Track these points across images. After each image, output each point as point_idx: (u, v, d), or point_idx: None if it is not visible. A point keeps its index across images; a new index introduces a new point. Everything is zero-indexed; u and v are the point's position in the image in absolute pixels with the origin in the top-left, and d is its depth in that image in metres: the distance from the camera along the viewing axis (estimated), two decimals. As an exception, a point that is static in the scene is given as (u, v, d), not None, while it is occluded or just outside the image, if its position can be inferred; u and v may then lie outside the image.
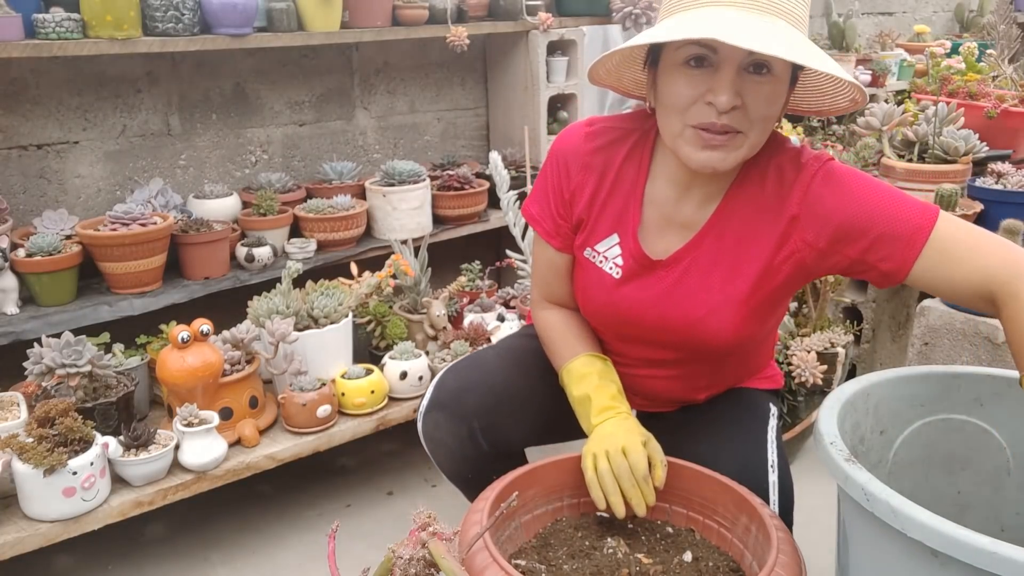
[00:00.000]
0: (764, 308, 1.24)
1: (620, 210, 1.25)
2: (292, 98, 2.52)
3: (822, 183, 1.15)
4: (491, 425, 1.32)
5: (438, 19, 2.47)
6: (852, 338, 2.23)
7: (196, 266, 2.07)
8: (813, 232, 1.15)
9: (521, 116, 2.79)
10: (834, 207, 1.14)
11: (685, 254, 1.23)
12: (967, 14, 4.87)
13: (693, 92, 1.07)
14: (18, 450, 1.46)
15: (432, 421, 1.37)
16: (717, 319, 1.21)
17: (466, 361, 1.44)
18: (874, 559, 0.96)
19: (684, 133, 1.10)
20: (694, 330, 1.23)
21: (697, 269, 1.22)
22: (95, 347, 1.69)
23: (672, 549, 1.17)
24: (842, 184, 1.15)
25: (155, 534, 1.89)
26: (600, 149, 1.26)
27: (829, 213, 1.14)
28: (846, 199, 1.13)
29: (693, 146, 1.10)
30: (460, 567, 0.97)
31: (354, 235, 2.33)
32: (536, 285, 1.40)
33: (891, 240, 1.11)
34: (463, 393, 1.35)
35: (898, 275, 1.12)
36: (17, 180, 2.10)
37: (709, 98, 1.06)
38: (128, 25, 1.89)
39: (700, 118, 1.08)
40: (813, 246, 1.16)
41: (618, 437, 1.18)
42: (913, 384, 1.20)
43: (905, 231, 1.10)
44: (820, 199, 1.14)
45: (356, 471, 2.14)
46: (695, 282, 1.22)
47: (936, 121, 2.37)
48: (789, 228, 1.16)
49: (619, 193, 1.25)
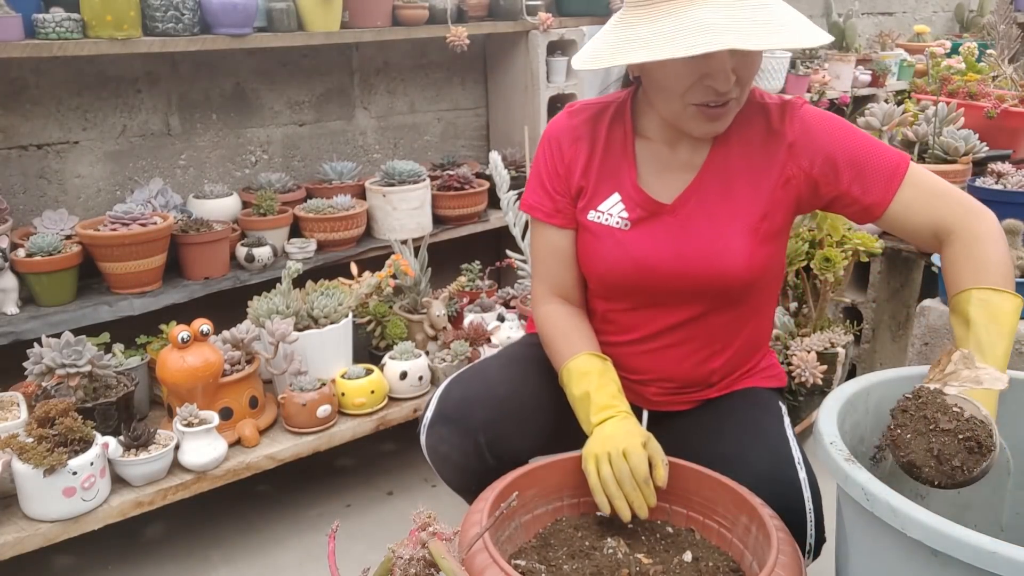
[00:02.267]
0: (771, 239, 1.29)
1: (615, 169, 1.33)
2: (292, 98, 2.52)
3: (812, 117, 1.27)
4: (497, 439, 1.30)
5: (438, 19, 2.47)
6: (852, 338, 2.23)
7: (196, 266, 2.07)
8: (808, 159, 1.25)
9: (521, 116, 2.79)
10: (826, 137, 1.24)
11: (691, 195, 1.28)
12: (967, 14, 4.87)
13: (692, 76, 1.15)
14: (18, 450, 1.46)
15: (436, 435, 1.35)
16: (731, 250, 1.26)
17: (469, 372, 1.42)
18: (874, 559, 0.96)
19: (687, 111, 1.19)
20: (711, 265, 1.26)
21: (704, 207, 1.28)
22: (95, 347, 1.69)
23: (672, 549, 1.17)
24: (829, 119, 1.27)
25: (155, 534, 1.89)
26: (585, 121, 1.36)
27: (821, 142, 1.24)
28: (835, 132, 1.25)
29: (696, 121, 1.20)
30: (460, 567, 0.97)
31: (354, 235, 2.33)
32: (539, 279, 1.40)
33: (874, 173, 1.22)
34: (468, 406, 1.33)
35: (878, 208, 1.22)
36: (17, 180, 2.10)
37: (708, 82, 1.14)
38: (128, 25, 1.89)
39: (701, 98, 1.17)
40: (808, 173, 1.25)
41: (618, 439, 1.18)
42: (913, 384, 1.19)
43: (886, 168, 1.22)
44: (813, 129, 1.25)
45: (356, 471, 2.14)
46: (704, 219, 1.27)
47: (936, 121, 2.37)
48: (787, 155, 1.26)
49: (611, 155, 1.33)
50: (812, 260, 2.14)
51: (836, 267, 2.12)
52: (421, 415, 1.40)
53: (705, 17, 1.07)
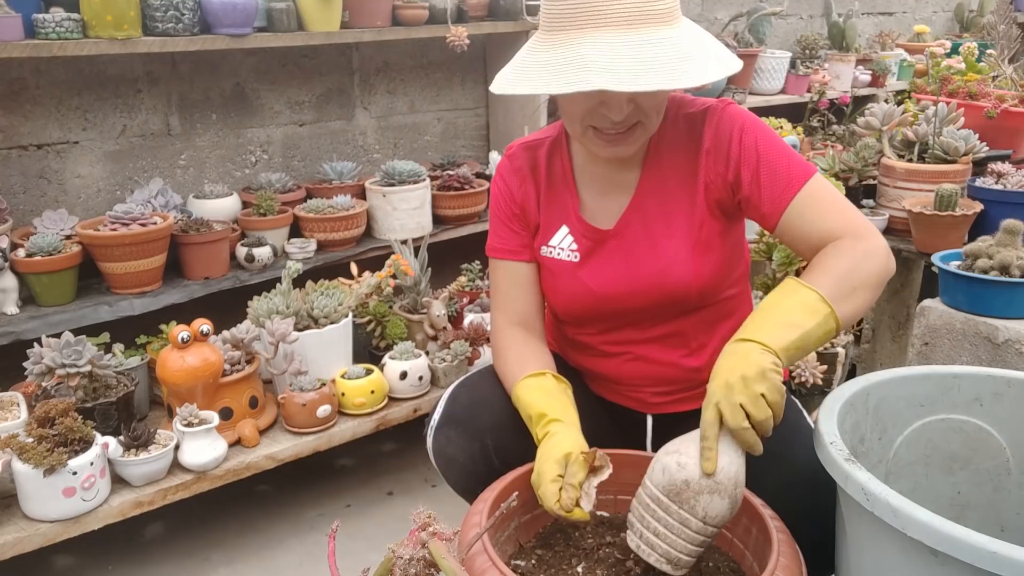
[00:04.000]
0: (714, 244, 1.29)
1: (560, 202, 1.35)
2: (292, 98, 2.52)
3: (727, 119, 1.26)
4: (504, 443, 1.30)
5: (438, 19, 2.47)
6: (852, 338, 2.23)
7: (196, 266, 2.07)
8: (722, 163, 1.25)
9: (521, 116, 2.79)
10: (734, 140, 1.25)
11: (630, 216, 1.30)
12: (967, 14, 4.87)
13: (588, 103, 1.16)
14: (18, 450, 1.46)
15: (444, 437, 1.34)
16: (676, 265, 1.28)
17: (477, 376, 1.42)
18: (874, 559, 0.96)
19: (586, 133, 1.21)
20: (659, 284, 1.28)
21: (645, 226, 1.30)
22: (95, 347, 1.69)
23: (672, 549, 1.17)
24: (746, 123, 1.26)
25: (155, 534, 1.89)
26: (525, 162, 1.38)
27: (730, 145, 1.25)
28: (746, 136, 1.24)
29: (597, 144, 1.21)
30: (460, 567, 0.97)
31: (354, 235, 2.33)
32: (499, 309, 1.40)
33: (772, 179, 1.21)
34: (477, 409, 1.33)
35: (773, 216, 1.21)
36: (17, 180, 2.10)
37: (603, 111, 1.16)
38: (128, 25, 1.89)
39: (597, 122, 1.18)
40: (724, 177, 1.26)
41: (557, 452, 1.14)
42: (913, 384, 1.20)
43: (786, 175, 1.21)
44: (725, 133, 1.26)
45: (356, 471, 2.14)
46: (646, 239, 1.30)
47: (936, 121, 2.37)
48: (704, 161, 1.27)
49: (555, 188, 1.36)
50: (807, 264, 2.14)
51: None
52: (428, 418, 1.40)
53: (587, 53, 1.07)
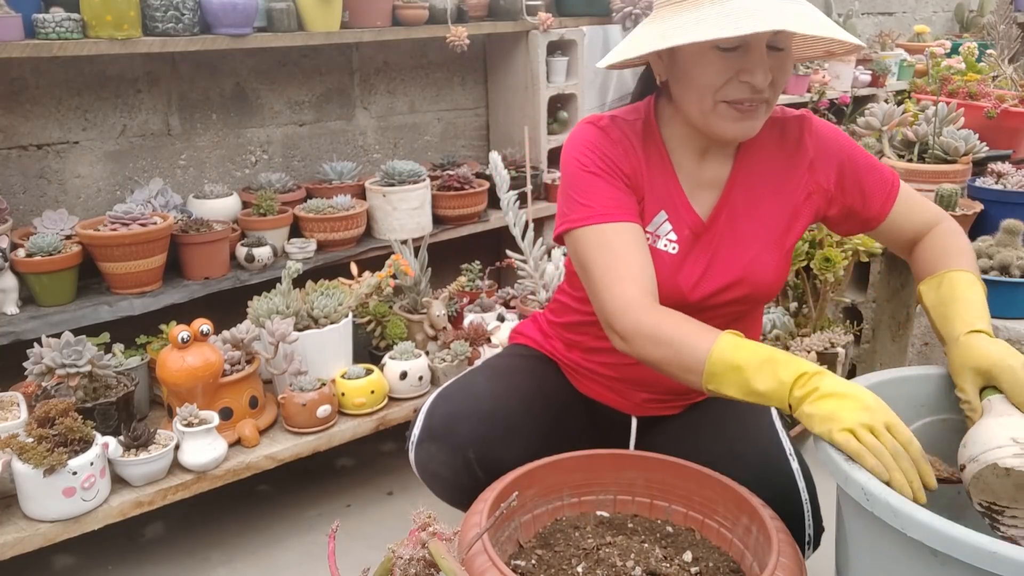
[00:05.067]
0: (791, 251, 1.33)
1: (659, 185, 1.28)
2: (292, 98, 2.52)
3: (826, 132, 1.32)
4: (486, 453, 1.28)
5: (438, 19, 2.47)
6: (852, 338, 2.23)
7: (196, 266, 2.07)
8: (824, 174, 1.30)
9: (521, 116, 2.79)
10: (835, 152, 1.30)
11: (720, 211, 1.28)
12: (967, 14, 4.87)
13: (727, 72, 1.13)
14: (18, 450, 1.46)
15: (425, 452, 1.33)
16: (759, 267, 1.28)
17: (454, 387, 1.40)
18: (874, 559, 0.96)
19: (717, 108, 1.16)
20: (741, 283, 1.27)
21: (732, 223, 1.28)
22: (95, 347, 1.69)
23: (672, 549, 1.17)
24: (837, 134, 1.33)
25: (155, 534, 1.89)
26: (623, 134, 1.27)
27: (834, 157, 1.30)
28: (842, 147, 1.31)
29: (727, 119, 1.17)
30: (460, 567, 0.97)
31: (354, 235, 2.33)
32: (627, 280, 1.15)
33: (876, 187, 1.30)
34: (455, 422, 1.31)
35: (879, 219, 1.31)
36: (17, 180, 2.10)
37: (744, 78, 1.13)
38: (128, 25, 1.89)
39: (736, 94, 1.15)
40: (826, 188, 1.30)
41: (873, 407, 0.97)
42: (913, 384, 1.20)
43: (885, 182, 1.31)
44: (826, 144, 1.30)
45: (356, 471, 2.14)
46: (732, 237, 1.28)
47: (936, 121, 2.37)
48: (808, 171, 1.29)
49: (653, 169, 1.28)
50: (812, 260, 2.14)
51: (836, 267, 2.12)
52: (408, 432, 1.38)
53: (747, 4, 1.07)
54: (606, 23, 2.84)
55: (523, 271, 2.24)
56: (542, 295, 2.20)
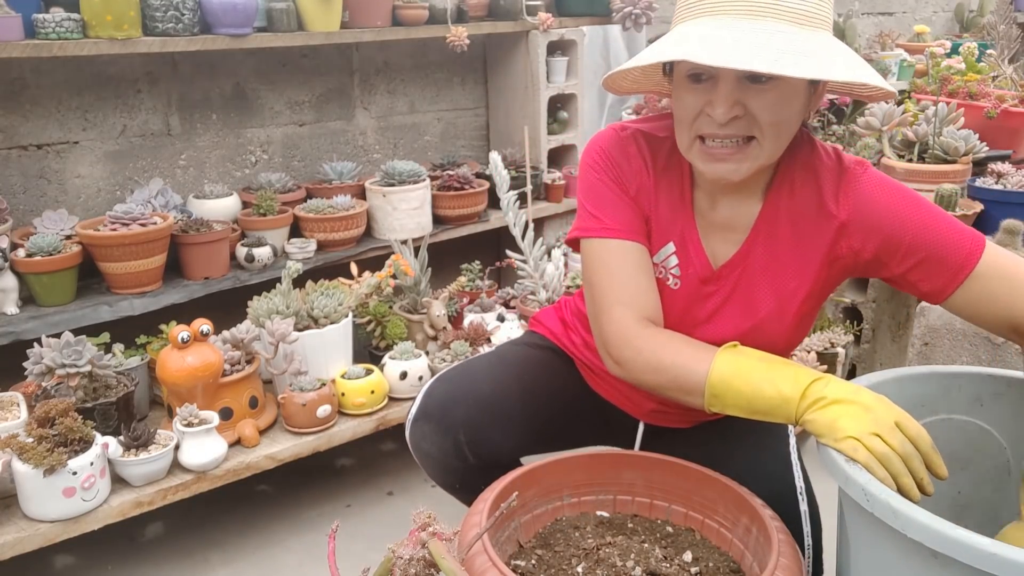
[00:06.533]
0: (810, 314, 1.22)
1: (671, 215, 1.20)
2: (292, 98, 2.52)
3: (871, 192, 1.13)
4: (476, 437, 1.29)
5: (438, 19, 2.47)
6: (852, 338, 2.23)
7: (196, 266, 2.07)
8: (860, 241, 1.14)
9: (521, 116, 2.79)
10: (883, 220, 1.12)
11: (737, 264, 1.19)
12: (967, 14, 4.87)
13: (696, 105, 1.07)
14: (18, 450, 1.46)
15: (419, 431, 1.35)
16: (768, 333, 1.18)
17: (455, 370, 1.40)
18: (874, 559, 0.96)
19: (693, 147, 1.10)
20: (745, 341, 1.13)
21: (748, 279, 1.19)
22: (95, 347, 1.69)
23: (672, 549, 1.17)
24: (892, 197, 1.13)
25: (155, 534, 1.89)
26: (641, 149, 1.21)
27: (878, 225, 1.12)
28: (895, 214, 1.11)
29: (702, 159, 1.10)
30: (460, 567, 0.97)
31: (354, 235, 2.33)
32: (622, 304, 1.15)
33: (936, 264, 1.10)
34: (450, 404, 1.32)
35: (937, 298, 1.12)
36: (17, 180, 2.10)
37: (708, 110, 1.05)
38: (128, 25, 1.89)
39: (704, 129, 1.07)
40: (859, 254, 1.14)
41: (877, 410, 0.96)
42: (913, 384, 1.20)
43: (952, 258, 1.09)
44: (869, 209, 1.12)
45: (356, 471, 2.14)
46: (745, 295, 1.19)
47: (936, 121, 2.37)
48: (838, 234, 1.14)
49: (671, 197, 1.20)
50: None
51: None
52: (407, 411, 1.40)
53: (690, 32, 1.01)
54: (606, 23, 2.84)
55: (523, 271, 2.24)
56: (542, 295, 2.20)
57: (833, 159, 1.17)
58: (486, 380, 1.35)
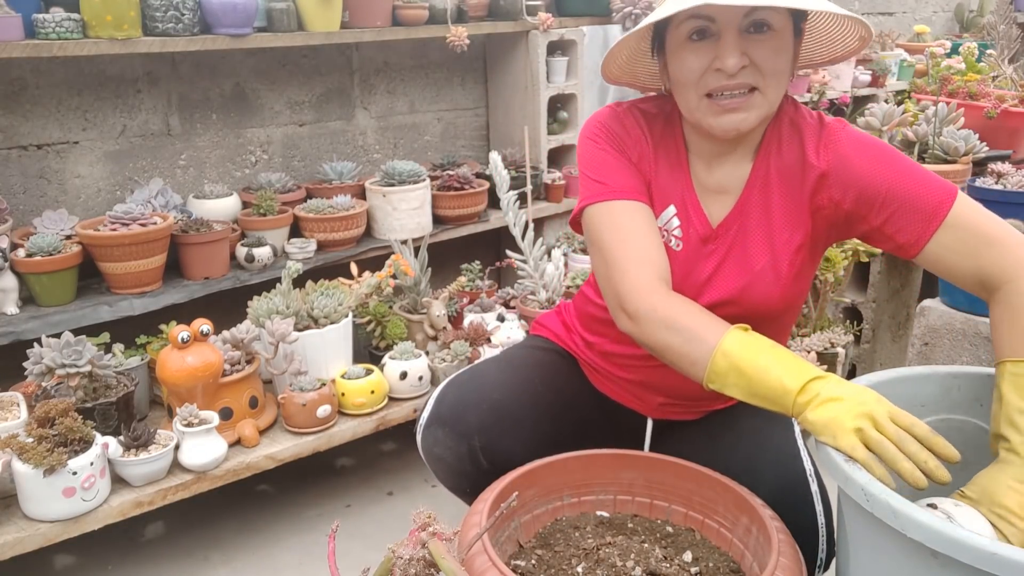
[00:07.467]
0: (804, 270, 1.26)
1: (670, 179, 1.26)
2: (292, 98, 2.52)
3: (849, 144, 1.19)
4: (491, 443, 1.29)
5: (438, 19, 2.47)
6: (852, 338, 2.23)
7: (196, 266, 2.07)
8: (839, 192, 1.18)
9: (521, 116, 2.79)
10: (861, 171, 1.17)
11: (732, 222, 1.24)
12: (967, 14, 4.87)
13: (702, 63, 1.12)
14: (18, 450, 1.46)
15: (432, 437, 1.34)
16: (766, 284, 1.23)
17: (467, 374, 1.41)
18: (874, 559, 0.96)
19: (700, 105, 1.15)
20: (745, 298, 1.22)
21: (744, 236, 1.24)
22: (95, 347, 1.69)
23: (672, 549, 1.17)
24: (868, 150, 1.18)
25: (155, 534, 1.89)
26: (637, 123, 1.27)
27: (856, 176, 1.17)
28: (872, 166, 1.16)
29: (712, 115, 1.14)
30: (460, 567, 0.97)
31: (354, 235, 2.33)
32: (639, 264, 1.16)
33: (910, 212, 1.14)
34: (463, 409, 1.32)
35: (912, 249, 1.15)
36: (17, 180, 2.10)
37: (717, 65, 1.11)
38: (128, 25, 1.89)
39: (713, 83, 1.12)
40: (839, 205, 1.19)
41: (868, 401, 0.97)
42: (913, 384, 1.20)
43: (925, 207, 1.13)
44: (848, 160, 1.18)
45: (356, 471, 2.14)
46: (742, 250, 1.24)
47: (936, 121, 2.37)
48: (819, 184, 1.20)
49: (668, 162, 1.26)
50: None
51: (836, 267, 2.12)
52: (418, 415, 1.40)
53: None
54: (606, 23, 2.84)
55: (523, 271, 2.24)
56: (542, 295, 2.20)
57: (815, 117, 1.24)
58: (498, 385, 1.35)
